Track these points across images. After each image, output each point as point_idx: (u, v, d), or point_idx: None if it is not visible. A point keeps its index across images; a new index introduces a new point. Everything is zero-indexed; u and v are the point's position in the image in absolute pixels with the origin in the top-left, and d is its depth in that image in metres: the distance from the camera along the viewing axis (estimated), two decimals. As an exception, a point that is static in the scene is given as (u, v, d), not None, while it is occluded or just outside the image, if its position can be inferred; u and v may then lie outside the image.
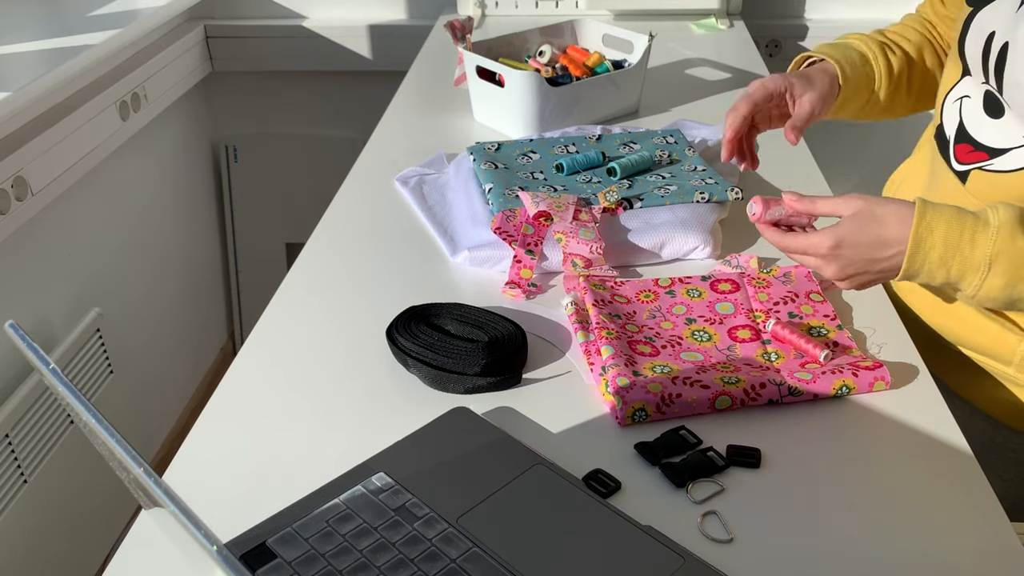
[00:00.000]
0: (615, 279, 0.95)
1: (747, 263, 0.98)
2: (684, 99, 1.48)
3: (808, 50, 1.08)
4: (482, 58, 1.34)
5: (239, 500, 0.70)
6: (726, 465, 0.72)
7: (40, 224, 1.58)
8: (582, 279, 0.94)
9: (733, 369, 0.81)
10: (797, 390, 0.78)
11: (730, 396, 0.78)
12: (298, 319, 0.93)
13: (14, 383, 1.49)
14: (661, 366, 0.81)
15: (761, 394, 0.78)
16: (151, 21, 1.84)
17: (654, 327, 0.88)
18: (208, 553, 0.40)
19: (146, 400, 1.96)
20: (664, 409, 0.77)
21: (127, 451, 0.44)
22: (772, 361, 0.83)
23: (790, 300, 0.91)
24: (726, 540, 0.65)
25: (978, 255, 0.75)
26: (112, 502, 1.76)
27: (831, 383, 0.79)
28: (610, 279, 0.95)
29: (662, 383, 0.78)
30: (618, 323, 0.87)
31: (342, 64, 2.12)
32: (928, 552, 0.64)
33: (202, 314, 2.28)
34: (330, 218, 1.13)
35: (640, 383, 0.77)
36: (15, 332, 0.51)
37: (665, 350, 0.84)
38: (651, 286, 0.94)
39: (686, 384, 0.78)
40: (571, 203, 1.01)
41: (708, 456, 0.73)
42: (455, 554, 0.63)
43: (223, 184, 2.29)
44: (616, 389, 0.77)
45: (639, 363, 0.81)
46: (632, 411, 0.76)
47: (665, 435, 0.75)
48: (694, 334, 0.87)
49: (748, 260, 0.98)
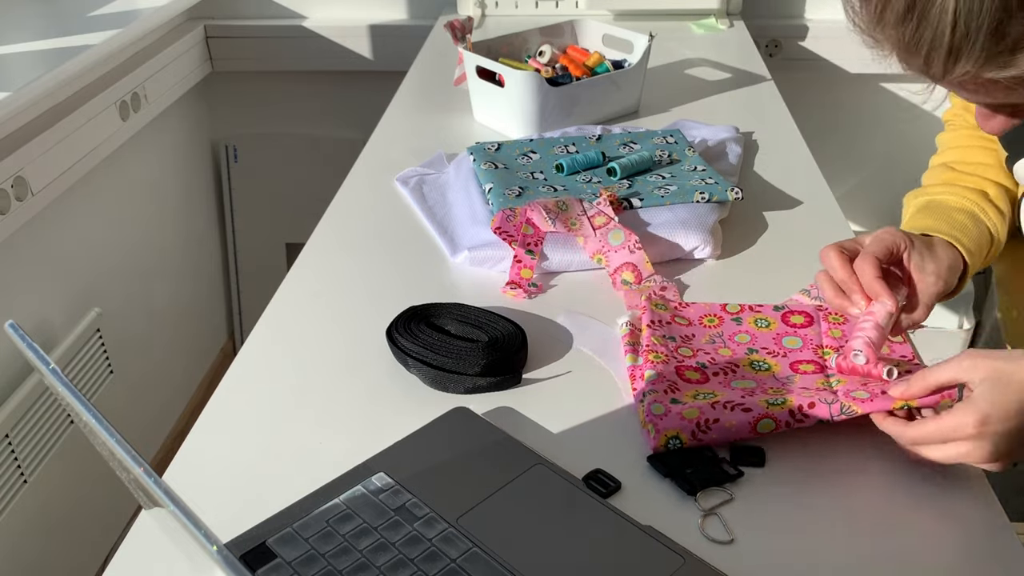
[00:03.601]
0: (680, 301, 0.91)
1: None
2: (684, 99, 1.48)
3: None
4: (482, 58, 1.34)
5: (239, 500, 0.70)
6: (738, 474, 0.70)
7: (40, 224, 1.58)
8: (644, 298, 0.90)
9: (784, 392, 0.75)
10: (851, 409, 0.71)
11: (774, 419, 0.71)
12: (298, 319, 0.93)
13: (14, 383, 1.49)
14: (706, 393, 0.76)
15: (809, 414, 0.71)
16: (151, 21, 1.84)
17: (711, 352, 0.83)
18: (208, 553, 0.40)
19: (146, 400, 1.96)
20: (700, 436, 0.72)
21: (127, 451, 0.44)
22: (832, 386, 0.76)
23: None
24: (726, 541, 0.65)
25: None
26: (112, 502, 1.76)
27: (891, 401, 0.71)
28: (675, 300, 0.91)
29: (699, 408, 0.73)
30: (670, 346, 0.82)
31: (342, 64, 2.12)
32: (928, 552, 0.64)
33: (202, 314, 2.28)
34: (330, 218, 1.13)
35: (676, 410, 0.73)
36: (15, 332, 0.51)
37: (716, 378, 0.79)
38: (717, 311, 0.89)
39: (726, 409, 0.72)
40: (579, 213, 0.98)
41: (722, 468, 0.71)
42: (455, 554, 0.63)
43: (223, 184, 2.29)
44: (650, 416, 0.74)
45: (681, 390, 0.77)
46: (666, 439, 0.72)
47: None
48: (753, 364, 0.81)
49: None
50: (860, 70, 2.05)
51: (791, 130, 1.35)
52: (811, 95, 2.10)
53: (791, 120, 1.38)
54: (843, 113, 2.15)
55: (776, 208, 1.12)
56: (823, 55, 2.04)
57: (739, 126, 1.34)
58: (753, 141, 1.31)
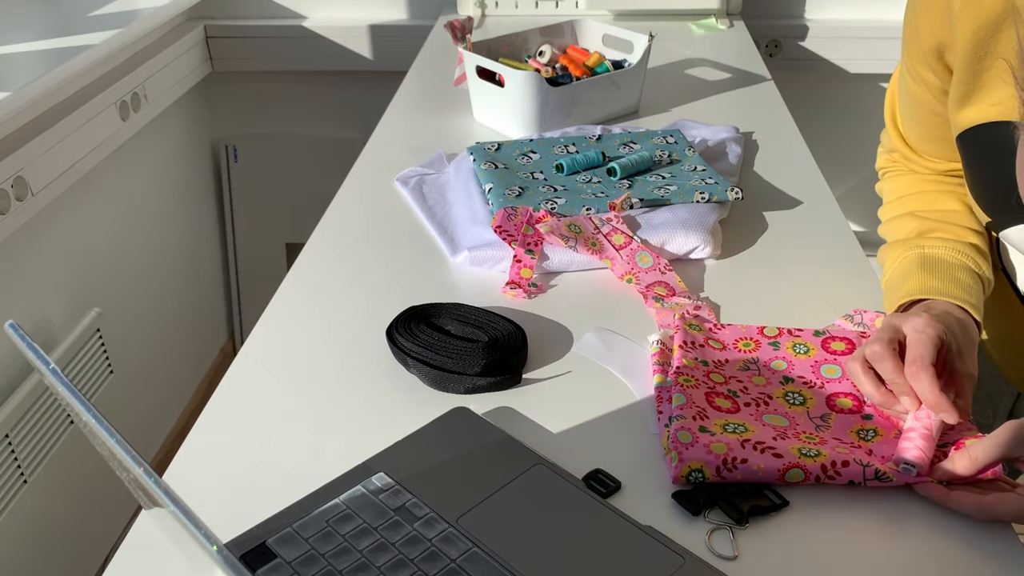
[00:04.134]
0: (715, 323, 0.87)
1: (872, 322, 0.86)
2: (684, 99, 1.48)
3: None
4: (482, 58, 1.34)
5: (239, 500, 0.70)
6: (784, 503, 0.67)
7: (40, 224, 1.58)
8: (677, 316, 0.86)
9: (817, 442, 0.71)
10: (886, 475, 0.68)
11: (804, 470, 0.68)
12: (298, 319, 0.93)
13: (14, 383, 1.49)
14: (736, 424, 0.72)
15: (841, 473, 0.68)
16: (151, 21, 1.84)
17: (744, 380, 0.79)
18: (208, 553, 0.40)
19: (146, 400, 1.96)
20: (724, 473, 0.68)
21: (127, 451, 0.44)
22: (867, 440, 0.72)
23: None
24: (730, 557, 0.65)
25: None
26: (112, 502, 1.76)
27: (928, 479, 0.68)
28: (710, 321, 0.87)
29: (728, 444, 0.69)
30: (702, 370, 0.79)
31: (342, 64, 2.12)
32: (927, 552, 0.64)
33: (202, 314, 2.28)
34: (330, 218, 1.13)
35: (703, 440, 0.69)
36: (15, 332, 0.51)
37: (747, 408, 0.75)
38: (754, 334, 0.84)
39: (756, 449, 0.69)
40: (594, 231, 0.97)
41: (767, 496, 0.68)
42: (455, 554, 0.63)
43: (223, 184, 2.29)
44: (675, 444, 0.70)
45: (711, 419, 0.73)
46: (688, 470, 0.68)
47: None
48: (787, 395, 0.77)
49: (874, 319, 0.86)
50: (860, 70, 2.05)
51: (791, 130, 1.35)
52: (811, 95, 2.10)
53: (791, 120, 1.38)
54: (843, 113, 2.15)
55: (776, 208, 1.12)
56: (823, 55, 2.04)
57: (739, 126, 1.34)
58: (753, 141, 1.31)
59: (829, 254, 1.02)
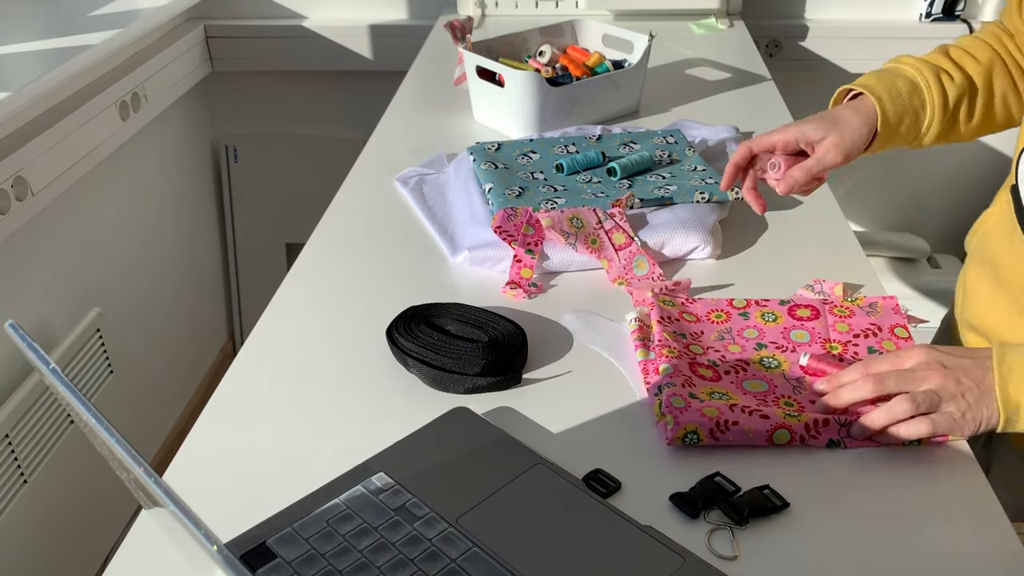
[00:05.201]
0: (687, 297, 0.92)
1: (831, 290, 0.92)
2: (684, 99, 1.48)
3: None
4: (482, 58, 1.34)
5: (239, 500, 0.70)
6: (784, 505, 0.68)
7: (40, 224, 1.58)
8: (651, 293, 0.90)
9: (798, 406, 0.76)
10: (862, 431, 0.72)
11: (789, 430, 0.72)
12: (298, 319, 0.93)
13: (14, 383, 1.49)
14: (720, 393, 0.76)
15: (821, 432, 0.73)
16: (151, 21, 1.84)
17: (720, 350, 0.83)
18: (208, 553, 0.40)
19: (146, 400, 1.96)
20: (718, 435, 0.72)
21: (127, 451, 0.44)
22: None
23: (871, 333, 0.84)
24: (731, 557, 0.65)
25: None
26: (112, 502, 1.76)
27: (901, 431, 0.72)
28: (682, 296, 0.92)
29: (719, 408, 0.73)
30: (682, 343, 0.83)
31: (342, 64, 2.12)
32: (927, 552, 0.64)
33: (202, 314, 2.28)
34: (330, 218, 1.13)
35: (696, 406, 0.73)
36: (15, 332, 0.51)
37: (728, 376, 0.80)
38: (724, 306, 0.90)
39: (744, 412, 0.73)
40: (596, 226, 0.97)
41: (768, 497, 0.68)
42: (455, 554, 0.63)
43: (223, 184, 2.29)
44: (669, 408, 0.73)
45: (697, 386, 0.77)
46: (684, 432, 0.72)
47: (701, 483, 0.70)
48: (762, 360, 0.82)
49: (833, 287, 0.92)
50: (860, 70, 2.04)
51: (791, 130, 1.34)
52: (811, 95, 2.09)
53: (791, 120, 1.38)
54: (843, 113, 2.14)
55: (776, 208, 1.12)
56: (823, 55, 2.04)
57: (739, 126, 1.34)
58: (753, 141, 1.31)
59: (829, 254, 1.02)
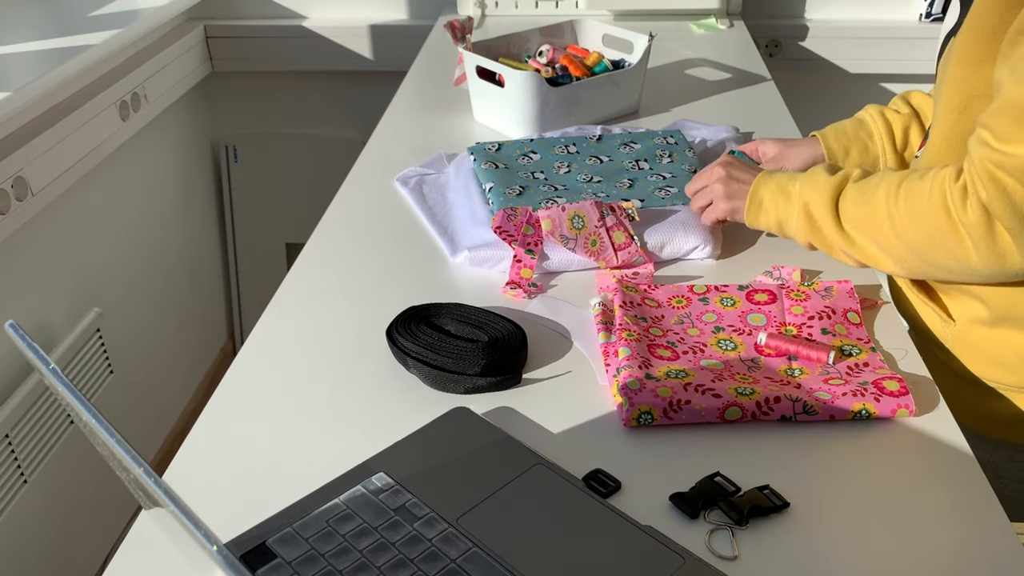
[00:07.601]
0: (650, 283, 0.94)
1: (789, 275, 0.95)
2: (684, 99, 1.48)
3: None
4: (482, 58, 1.34)
5: (239, 500, 0.70)
6: (784, 505, 0.68)
7: (40, 224, 1.58)
8: (614, 280, 0.93)
9: (751, 381, 0.78)
10: (812, 408, 0.75)
11: (741, 408, 0.75)
12: (298, 319, 0.93)
13: (14, 383, 1.49)
14: (678, 371, 0.79)
15: (774, 408, 0.75)
16: (151, 21, 1.84)
17: (679, 332, 0.86)
18: (208, 553, 0.40)
19: (146, 400, 1.96)
20: (671, 415, 0.75)
21: (127, 451, 0.44)
22: (795, 376, 0.80)
23: (825, 316, 0.87)
24: (731, 557, 0.65)
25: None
26: (112, 502, 1.76)
27: (851, 404, 0.75)
28: (644, 282, 0.94)
29: (672, 388, 0.76)
30: (642, 326, 0.86)
31: (342, 64, 2.12)
32: (927, 552, 0.64)
33: (202, 314, 2.28)
34: (330, 218, 1.13)
35: (650, 386, 0.76)
36: (15, 332, 0.51)
37: (686, 356, 0.82)
38: (685, 292, 0.92)
39: (697, 392, 0.76)
40: (598, 223, 0.98)
41: (768, 497, 0.68)
42: (455, 554, 0.63)
43: (223, 184, 2.29)
44: (624, 390, 0.76)
45: (654, 366, 0.80)
46: (638, 413, 0.75)
47: (701, 483, 0.70)
48: (720, 343, 0.85)
49: (791, 272, 0.95)
50: (860, 70, 2.05)
51: (791, 130, 1.35)
52: (811, 95, 2.09)
53: (791, 120, 1.38)
54: (843, 113, 2.14)
55: (776, 208, 1.12)
56: (823, 55, 2.04)
57: (739, 126, 1.34)
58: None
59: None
